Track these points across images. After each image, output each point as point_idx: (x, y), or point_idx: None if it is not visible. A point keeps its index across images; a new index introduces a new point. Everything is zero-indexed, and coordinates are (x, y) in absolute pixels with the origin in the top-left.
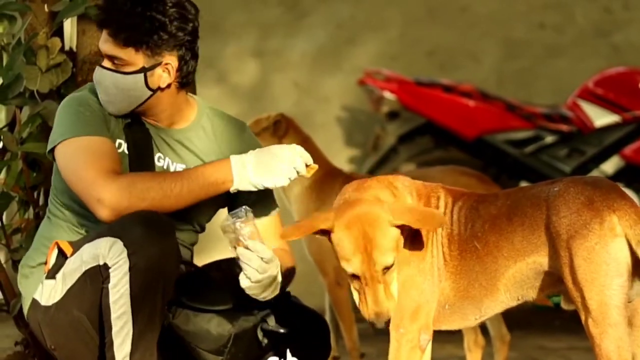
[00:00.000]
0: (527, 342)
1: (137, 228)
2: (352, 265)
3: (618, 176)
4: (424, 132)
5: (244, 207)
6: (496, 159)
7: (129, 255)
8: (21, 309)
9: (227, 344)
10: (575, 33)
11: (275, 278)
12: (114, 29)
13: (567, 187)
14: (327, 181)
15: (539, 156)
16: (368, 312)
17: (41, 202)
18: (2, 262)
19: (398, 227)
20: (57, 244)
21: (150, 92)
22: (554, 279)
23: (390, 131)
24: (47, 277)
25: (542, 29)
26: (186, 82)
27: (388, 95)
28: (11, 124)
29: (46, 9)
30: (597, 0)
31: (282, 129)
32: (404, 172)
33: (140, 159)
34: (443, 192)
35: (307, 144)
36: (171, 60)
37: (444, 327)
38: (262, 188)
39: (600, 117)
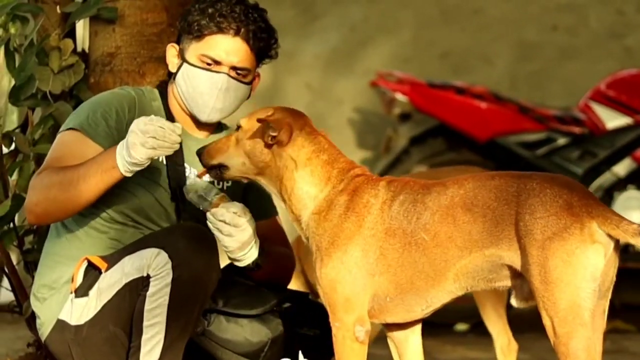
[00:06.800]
0: (538, 344)
1: (181, 240)
2: None
3: (630, 178)
4: (436, 134)
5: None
6: (508, 161)
7: (173, 267)
8: (33, 313)
9: (264, 349)
10: (589, 35)
11: (251, 236)
12: (252, 40)
13: (543, 188)
14: None
15: (551, 158)
16: None
17: None
18: (14, 263)
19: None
20: (87, 259)
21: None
22: (510, 274)
23: (403, 133)
24: (78, 296)
25: (555, 31)
26: None
27: (400, 97)
28: (23, 126)
29: (58, 11)
30: (611, 3)
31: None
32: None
33: (174, 168)
34: (384, 188)
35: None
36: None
37: (389, 320)
38: (135, 166)
39: (612, 119)
